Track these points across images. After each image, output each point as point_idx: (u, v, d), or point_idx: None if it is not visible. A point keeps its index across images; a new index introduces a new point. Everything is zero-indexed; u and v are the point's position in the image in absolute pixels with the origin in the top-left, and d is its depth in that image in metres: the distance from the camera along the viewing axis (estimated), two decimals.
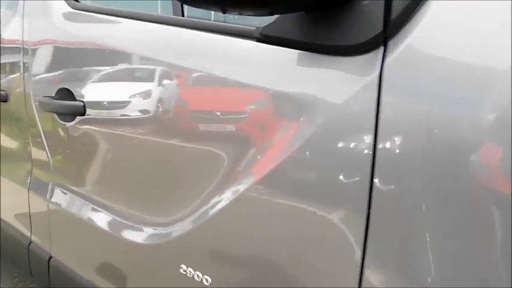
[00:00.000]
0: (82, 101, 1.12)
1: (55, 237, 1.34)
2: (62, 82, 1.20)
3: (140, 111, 0.99)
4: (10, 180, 1.58)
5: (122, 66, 1.02)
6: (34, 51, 1.33)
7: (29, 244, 1.46)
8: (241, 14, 0.61)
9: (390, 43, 0.58)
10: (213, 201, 0.81)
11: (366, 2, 0.59)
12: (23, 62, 1.39)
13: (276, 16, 0.65)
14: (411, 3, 0.56)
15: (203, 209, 0.83)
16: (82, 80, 1.14)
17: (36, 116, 1.33)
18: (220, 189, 0.80)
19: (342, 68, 0.63)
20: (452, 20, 0.53)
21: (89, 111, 1.11)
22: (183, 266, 0.88)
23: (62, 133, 1.24)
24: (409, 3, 0.56)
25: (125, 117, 1.03)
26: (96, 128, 1.12)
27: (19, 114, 1.45)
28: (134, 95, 1.00)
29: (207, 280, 0.84)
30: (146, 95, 0.96)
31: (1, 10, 1.69)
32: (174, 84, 0.92)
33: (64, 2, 1.22)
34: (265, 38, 0.69)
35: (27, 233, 1.47)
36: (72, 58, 1.20)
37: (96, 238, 1.17)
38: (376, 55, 0.59)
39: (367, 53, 0.60)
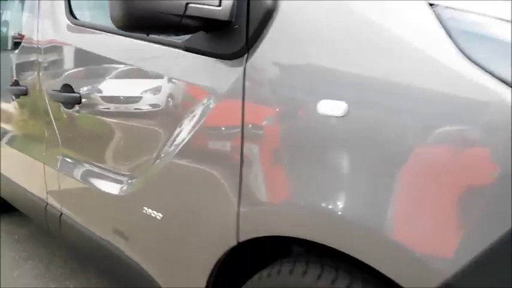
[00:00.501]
0: (79, 93, 1.52)
1: (64, 198, 1.75)
2: (65, 79, 1.60)
3: (112, 99, 1.38)
4: (31, 157, 2.00)
5: (102, 66, 1.41)
6: (45, 51, 1.73)
7: (46, 206, 1.88)
8: (159, 35, 0.98)
9: (250, 51, 0.93)
10: (156, 162, 1.19)
11: (236, 26, 0.94)
12: (38, 61, 1.80)
13: None
14: (260, 27, 0.91)
15: (152, 166, 1.22)
16: (78, 77, 1.53)
17: (48, 105, 1.74)
18: (158, 154, 1.18)
19: (226, 67, 0.98)
20: (284, 38, 0.88)
21: (83, 100, 1.50)
22: (145, 207, 1.26)
23: (66, 117, 1.64)
24: (258, 26, 0.91)
25: (105, 104, 1.42)
26: (88, 112, 1.52)
27: (36, 104, 1.86)
28: (109, 88, 1.39)
29: (159, 216, 1.21)
30: (115, 88, 1.35)
31: (24, 12, 2.11)
32: (130, 79, 1.30)
33: (66, 17, 1.61)
34: (186, 47, 1.05)
35: (44, 197, 1.88)
36: (71, 61, 1.60)
37: (89, 194, 1.57)
38: (243, 58, 0.94)
39: (239, 57, 0.95)
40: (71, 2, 1.62)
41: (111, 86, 1.41)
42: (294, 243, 0.99)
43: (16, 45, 2.02)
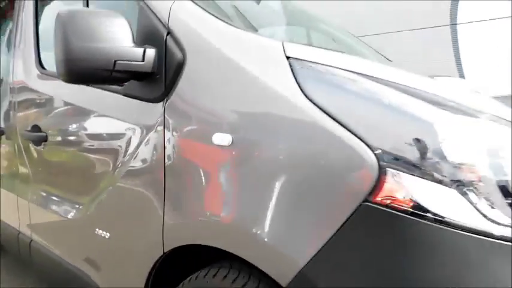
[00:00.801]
0: (45, 133, 1.74)
1: (33, 226, 1.94)
2: (34, 120, 1.83)
3: (71, 137, 1.62)
4: (6, 190, 2.20)
5: (64, 109, 1.65)
6: (19, 93, 1.98)
7: (18, 234, 2.06)
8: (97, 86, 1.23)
9: (168, 95, 1.17)
10: (103, 189, 1.41)
11: (158, 76, 1.18)
12: (13, 102, 2.04)
13: None
14: (174, 76, 1.15)
15: (101, 193, 1.43)
16: (45, 119, 1.77)
17: (21, 142, 1.96)
18: (104, 182, 1.40)
19: (152, 108, 1.22)
20: (190, 85, 1.12)
21: (49, 138, 1.73)
22: (96, 229, 1.46)
23: (35, 154, 1.86)
24: (173, 76, 1.15)
25: (65, 141, 1.65)
26: (53, 149, 1.74)
27: (12, 142, 2.09)
28: (68, 127, 1.63)
29: (105, 234, 1.41)
30: (73, 127, 1.59)
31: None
32: (84, 120, 1.54)
33: (35, 67, 1.86)
34: (124, 93, 1.29)
35: (17, 226, 2.07)
36: (39, 104, 1.84)
37: (53, 221, 1.77)
38: (164, 101, 1.18)
39: (161, 101, 1.19)
40: (40, 55, 1.88)
41: (70, 126, 1.64)
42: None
43: None
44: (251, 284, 1.02)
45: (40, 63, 1.89)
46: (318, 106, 0.88)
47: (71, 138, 1.66)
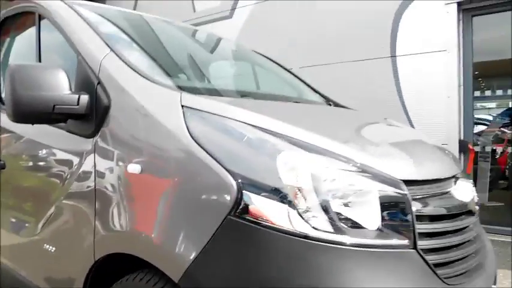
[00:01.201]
0: (3, 161, 1.99)
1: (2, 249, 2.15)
2: None
3: (24, 165, 1.87)
4: None
5: (18, 141, 1.91)
6: None
7: None
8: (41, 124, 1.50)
9: (98, 132, 1.45)
10: (49, 209, 1.66)
11: (90, 117, 1.47)
12: None
13: None
14: (102, 117, 1.43)
15: (48, 212, 1.68)
16: (3, 149, 2.01)
17: None
18: (50, 202, 1.65)
19: (86, 141, 1.49)
20: (113, 124, 1.40)
21: (6, 166, 1.98)
22: (45, 245, 1.70)
23: None
24: (101, 117, 1.43)
25: (19, 169, 1.91)
26: (9, 175, 1.98)
27: None
28: (21, 157, 1.89)
29: (52, 249, 1.66)
30: (25, 156, 1.85)
31: None
32: (36, 151, 1.80)
33: None
34: (66, 129, 1.56)
35: None
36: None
37: (15, 241, 1.98)
38: (95, 136, 1.46)
39: (93, 136, 1.47)
40: (1, 91, 2.14)
41: (23, 155, 1.90)
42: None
43: None
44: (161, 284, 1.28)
45: (1, 99, 2.14)
46: (197, 142, 1.18)
47: (25, 166, 1.91)
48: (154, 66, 1.65)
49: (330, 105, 2.43)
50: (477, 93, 4.68)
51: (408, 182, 1.18)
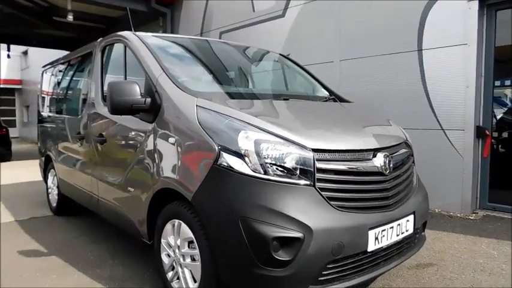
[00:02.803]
0: (105, 138, 3.21)
1: (99, 190, 3.41)
2: (99, 130, 3.31)
3: (115, 139, 3.06)
4: (84, 171, 3.72)
5: (112, 125, 3.10)
6: (92, 113, 3.49)
7: (91, 196, 3.56)
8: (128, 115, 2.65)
9: (155, 120, 2.55)
10: (128, 168, 2.81)
11: (151, 111, 2.56)
12: (89, 118, 3.56)
13: None
14: (157, 111, 2.52)
15: (129, 167, 2.84)
16: (105, 129, 3.24)
17: (93, 143, 3.46)
18: (129, 163, 2.80)
19: (149, 125, 2.59)
20: (163, 116, 2.48)
21: (107, 141, 3.19)
22: (128, 187, 2.87)
23: (100, 149, 3.34)
24: (156, 111, 2.52)
25: (113, 142, 3.10)
26: (108, 146, 3.20)
27: (88, 143, 3.60)
28: (115, 134, 3.07)
29: (131, 189, 2.82)
30: (116, 134, 3.03)
31: None
32: (121, 130, 2.97)
33: (100, 100, 3.35)
34: (140, 118, 2.69)
35: (90, 191, 3.57)
36: (102, 121, 3.32)
37: (107, 187, 3.20)
38: (154, 122, 2.56)
39: (153, 122, 2.57)
40: (104, 92, 3.36)
41: (116, 134, 3.08)
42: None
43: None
44: (183, 203, 2.33)
45: (103, 97, 3.37)
46: (200, 124, 2.19)
47: (116, 140, 3.09)
48: (185, 81, 2.66)
49: (326, 100, 3.27)
50: (497, 83, 4.99)
51: (318, 150, 2.07)
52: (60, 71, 5.05)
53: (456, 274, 2.92)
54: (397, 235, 2.31)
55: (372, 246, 2.13)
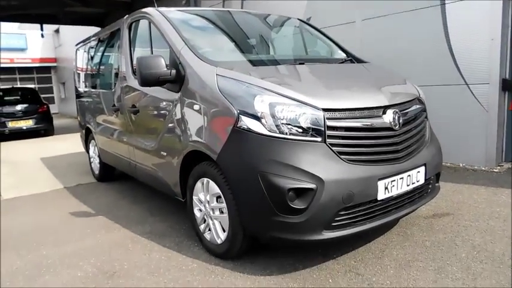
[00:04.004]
0: (138, 108, 3.50)
1: (135, 156, 3.75)
2: (132, 102, 3.61)
3: (147, 109, 3.34)
4: (121, 141, 4.06)
5: (144, 96, 3.38)
6: (125, 86, 3.78)
7: (129, 162, 3.92)
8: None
9: (180, 89, 2.79)
10: (159, 135, 3.10)
11: (177, 81, 2.80)
12: (122, 91, 3.87)
13: None
14: (181, 81, 2.76)
15: (161, 133, 3.13)
16: (137, 101, 3.53)
17: (127, 114, 3.77)
18: (161, 130, 3.09)
19: (175, 94, 2.85)
20: (187, 85, 2.72)
21: (140, 111, 3.49)
22: (161, 152, 3.17)
23: (134, 119, 3.65)
24: (181, 81, 2.76)
25: (145, 112, 3.39)
26: (141, 116, 3.50)
27: (122, 114, 3.92)
28: (146, 105, 3.36)
29: (164, 153, 3.12)
30: (148, 104, 3.31)
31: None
32: (151, 100, 3.24)
33: (131, 73, 3.62)
34: (167, 88, 2.94)
35: (128, 157, 3.93)
36: (134, 93, 3.61)
37: (140, 153, 3.53)
38: (180, 91, 2.80)
39: (178, 91, 2.82)
40: (133, 66, 3.63)
41: (147, 104, 3.36)
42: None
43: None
44: (210, 163, 2.59)
45: (133, 71, 3.64)
46: (220, 91, 2.41)
47: (148, 110, 3.38)
48: (206, 51, 2.86)
49: (343, 62, 3.39)
50: None
51: (328, 109, 2.25)
52: (92, 47, 5.36)
53: (471, 222, 3.08)
54: (408, 185, 2.49)
55: (381, 195, 2.33)
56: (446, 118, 4.94)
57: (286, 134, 2.21)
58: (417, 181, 2.56)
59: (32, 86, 24.83)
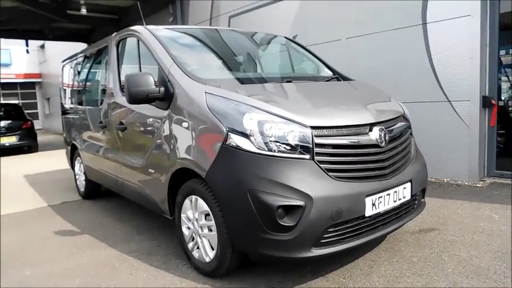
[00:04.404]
0: (125, 125, 3.49)
1: (123, 173, 3.72)
2: (119, 119, 3.60)
3: (134, 126, 3.34)
4: (108, 158, 4.03)
5: (131, 113, 3.37)
6: (112, 103, 3.77)
7: (117, 179, 3.88)
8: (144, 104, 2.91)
9: (169, 107, 2.80)
10: (147, 152, 3.09)
11: (165, 99, 2.81)
12: (109, 108, 3.85)
13: None
14: (170, 99, 2.77)
15: (148, 150, 3.12)
16: (124, 118, 3.52)
17: (114, 131, 3.75)
18: (148, 147, 3.08)
19: (165, 111, 2.85)
20: (176, 104, 2.73)
21: (127, 128, 3.47)
22: (149, 169, 3.16)
23: (121, 136, 3.63)
24: (170, 99, 2.77)
25: (132, 129, 3.37)
26: (128, 133, 3.48)
27: (109, 131, 3.90)
28: (134, 122, 3.35)
29: (152, 170, 3.11)
30: (135, 122, 3.31)
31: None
32: (139, 118, 3.24)
33: (119, 90, 3.61)
34: (154, 106, 2.95)
35: (115, 175, 3.89)
36: (121, 110, 3.60)
37: (128, 170, 3.50)
38: (168, 109, 2.81)
39: (167, 109, 2.83)
40: (121, 83, 3.63)
41: (135, 121, 3.35)
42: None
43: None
44: (199, 180, 2.59)
45: (121, 88, 3.63)
46: (209, 109, 2.43)
47: (136, 127, 3.37)
48: (194, 69, 2.89)
49: (329, 80, 3.46)
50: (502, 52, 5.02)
51: (316, 127, 2.28)
52: (79, 64, 5.35)
53: (456, 237, 3.13)
54: (394, 201, 2.52)
55: (369, 212, 2.35)
56: (430, 134, 5.05)
57: (275, 151, 2.24)
58: (403, 197, 2.60)
59: (16, 101, 24.46)
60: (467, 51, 4.76)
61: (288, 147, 2.24)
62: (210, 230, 2.55)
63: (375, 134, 2.48)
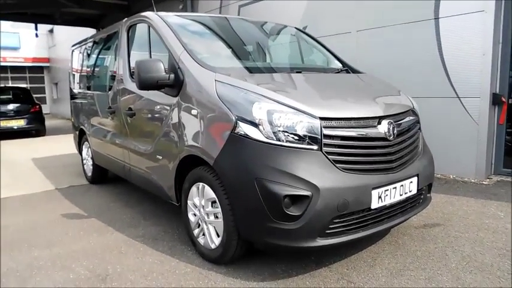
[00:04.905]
0: (134, 111, 3.51)
1: (130, 159, 3.75)
2: (128, 104, 3.62)
3: (143, 113, 3.35)
4: (116, 143, 4.06)
5: (140, 99, 3.38)
6: (121, 89, 3.79)
7: (124, 165, 3.91)
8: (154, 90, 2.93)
9: (179, 94, 2.81)
10: (156, 138, 3.11)
11: (175, 86, 2.82)
12: (118, 93, 3.87)
13: None
14: (180, 86, 2.78)
15: (157, 136, 3.15)
16: (133, 104, 3.54)
17: (123, 116, 3.77)
18: (157, 133, 3.10)
19: (173, 98, 2.87)
20: (185, 90, 2.74)
21: (136, 114, 3.50)
22: (157, 155, 3.18)
23: (130, 122, 3.65)
24: (180, 86, 2.79)
25: (141, 115, 3.39)
26: (137, 119, 3.50)
27: (117, 116, 3.92)
28: (142, 108, 3.37)
29: (160, 156, 3.13)
30: (144, 108, 3.33)
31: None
32: (148, 104, 3.25)
33: (128, 76, 3.63)
34: (164, 92, 2.96)
35: (123, 160, 3.92)
36: (130, 96, 3.62)
37: (136, 157, 3.53)
38: (178, 95, 2.82)
39: (177, 95, 2.84)
40: (131, 69, 3.64)
41: (144, 107, 3.37)
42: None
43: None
44: (207, 168, 2.61)
45: (131, 74, 3.65)
46: (219, 97, 2.44)
47: (144, 113, 3.39)
48: (205, 57, 2.89)
49: (339, 72, 3.44)
50: None
51: (325, 118, 2.28)
52: (88, 49, 5.36)
53: (461, 233, 3.13)
54: (400, 195, 2.53)
55: (375, 204, 2.36)
56: (438, 130, 5.02)
57: (283, 141, 2.24)
58: (410, 191, 2.60)
59: (24, 85, 24.61)
60: (480, 48, 4.71)
61: (296, 138, 2.25)
62: (216, 217, 2.57)
63: (383, 127, 2.47)
